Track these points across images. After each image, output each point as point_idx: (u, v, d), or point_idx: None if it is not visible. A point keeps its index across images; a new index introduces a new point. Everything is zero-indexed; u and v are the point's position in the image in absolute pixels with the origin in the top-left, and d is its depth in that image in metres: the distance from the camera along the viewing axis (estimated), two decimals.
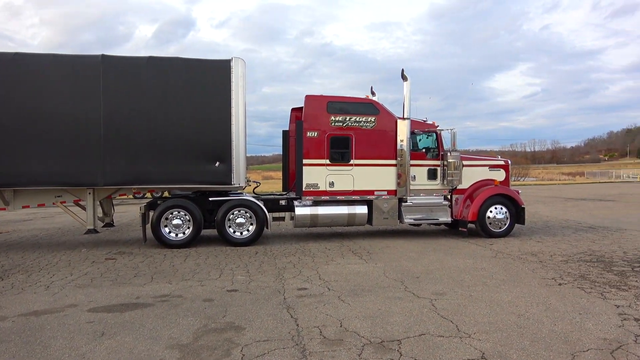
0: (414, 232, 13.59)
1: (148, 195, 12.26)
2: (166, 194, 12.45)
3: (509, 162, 13.45)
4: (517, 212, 12.49)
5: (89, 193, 11.07)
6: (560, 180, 67.55)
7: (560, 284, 7.36)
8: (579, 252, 10.04)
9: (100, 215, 12.47)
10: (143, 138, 10.68)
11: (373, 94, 14.14)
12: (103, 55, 10.66)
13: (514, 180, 66.61)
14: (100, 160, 10.51)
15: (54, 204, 11.20)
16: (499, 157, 13.83)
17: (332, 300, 6.58)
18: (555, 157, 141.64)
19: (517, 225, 12.73)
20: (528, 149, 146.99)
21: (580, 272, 8.21)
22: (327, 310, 6.09)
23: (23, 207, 11.14)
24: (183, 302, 6.53)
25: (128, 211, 20.70)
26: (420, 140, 12.75)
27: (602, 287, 7.15)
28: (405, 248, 10.86)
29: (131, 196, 12.18)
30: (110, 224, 12.81)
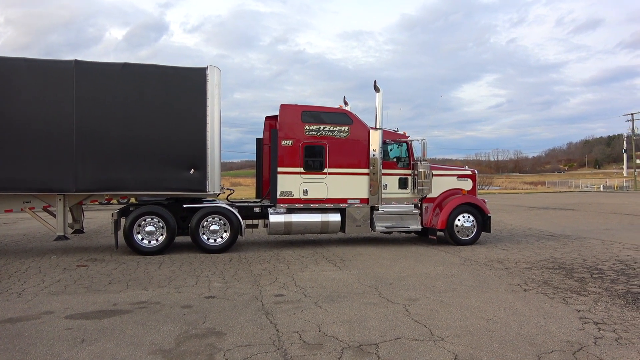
0: (386, 240, 13.91)
1: (113, 201, 12.09)
2: (132, 200, 12.30)
3: (476, 172, 13.97)
4: (483, 221, 12.98)
5: (60, 199, 10.89)
6: (522, 189, 69.82)
7: (525, 290, 7.75)
8: (542, 260, 10.53)
9: (70, 221, 12.26)
10: (117, 144, 10.61)
11: (346, 103, 14.47)
12: (76, 61, 10.56)
13: (479, 189, 68.43)
14: (72, 166, 10.38)
15: (22, 209, 10.97)
16: (467, 167, 14.34)
17: (309, 306, 6.75)
18: (517, 166, 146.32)
19: (483, 233, 13.22)
20: (492, 158, 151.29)
21: (544, 278, 8.64)
22: (305, 316, 6.25)
23: None
24: (162, 309, 6.57)
25: (96, 217, 20.30)
26: (391, 149, 13.12)
27: (564, 292, 7.57)
28: (378, 255, 11.13)
29: (98, 202, 11.99)
30: (79, 231, 12.59)
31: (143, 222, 10.96)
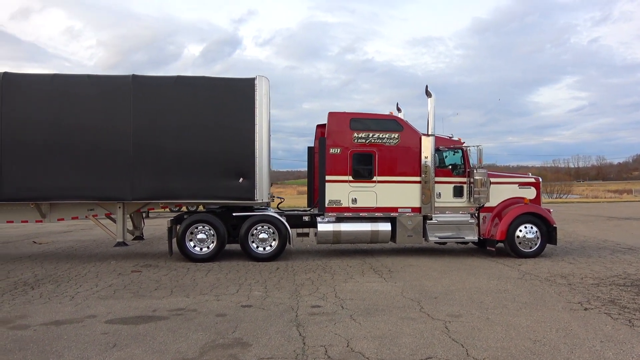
0: (440, 251, 13.32)
1: (184, 209, 12.43)
2: (201, 208, 12.63)
3: (540, 180, 13.03)
4: (548, 232, 12.05)
5: (119, 207, 11.46)
6: (605, 197, 64.72)
7: (586, 309, 7.03)
8: (613, 275, 9.57)
9: (131, 228, 12.88)
10: (170, 154, 11.01)
11: (399, 110, 14.10)
12: (134, 76, 11.11)
13: (556, 198, 64.42)
14: (129, 176, 10.90)
15: (86, 217, 11.67)
16: (530, 175, 13.42)
17: (343, 319, 6.53)
18: (600, 173, 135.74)
19: (549, 246, 12.29)
20: (572, 165, 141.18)
21: (611, 296, 7.82)
22: (336, 330, 6.04)
23: (58, 219, 11.65)
24: (196, 317, 6.63)
25: (162, 225, 21.22)
26: (446, 157, 12.56)
27: (632, 313, 6.78)
28: (429, 267, 10.65)
29: (167, 209, 12.39)
30: (140, 237, 13.19)
31: (195, 229, 11.25)
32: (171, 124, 11.08)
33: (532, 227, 11.99)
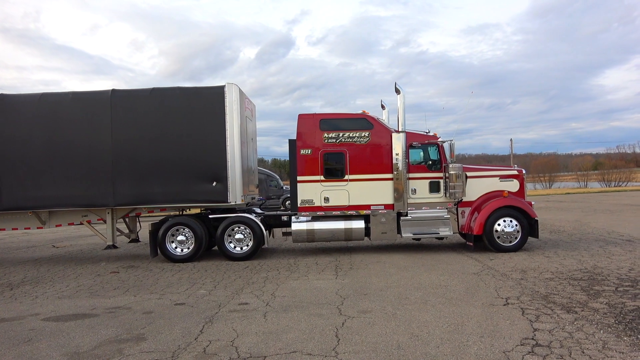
0: (422, 247, 13.21)
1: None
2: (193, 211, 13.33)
3: (524, 172, 12.64)
4: (530, 225, 11.72)
5: (108, 213, 12.35)
6: None
7: (506, 304, 6.95)
8: (577, 269, 9.24)
9: (126, 232, 13.80)
10: (147, 162, 11.73)
11: (382, 107, 14.15)
12: (113, 90, 11.93)
13: (614, 186, 60.64)
14: (110, 184, 11.73)
15: (81, 222, 12.65)
16: (515, 167, 13.02)
17: (255, 316, 6.85)
18: None
19: (533, 239, 11.98)
20: (638, 150, 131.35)
21: (550, 291, 7.64)
22: (237, 326, 6.38)
23: (56, 225, 12.71)
24: (124, 314, 7.19)
25: None
26: (421, 152, 12.49)
27: (549, 308, 6.64)
28: (393, 264, 10.70)
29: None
30: (136, 240, 14.07)
31: (175, 232, 11.93)
32: (147, 134, 11.80)
33: (511, 221, 11.72)
